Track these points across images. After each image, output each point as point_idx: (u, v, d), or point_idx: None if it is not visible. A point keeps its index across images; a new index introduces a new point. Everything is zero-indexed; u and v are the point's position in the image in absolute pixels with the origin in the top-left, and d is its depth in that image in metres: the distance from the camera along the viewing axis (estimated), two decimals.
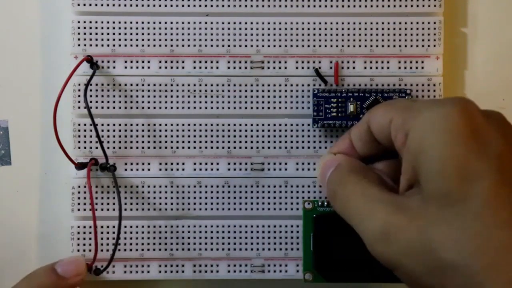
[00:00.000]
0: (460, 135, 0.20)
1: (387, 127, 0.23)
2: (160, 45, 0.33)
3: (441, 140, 0.20)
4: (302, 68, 0.33)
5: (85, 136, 0.32)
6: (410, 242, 0.20)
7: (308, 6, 0.33)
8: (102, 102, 0.32)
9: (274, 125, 0.33)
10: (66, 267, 0.30)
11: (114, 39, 0.32)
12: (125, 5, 0.32)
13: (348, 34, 0.33)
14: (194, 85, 0.33)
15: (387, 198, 0.22)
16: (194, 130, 0.33)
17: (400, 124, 0.22)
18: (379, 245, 0.21)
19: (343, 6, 0.33)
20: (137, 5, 0.32)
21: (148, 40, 0.32)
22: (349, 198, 0.23)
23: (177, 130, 0.33)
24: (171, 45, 0.33)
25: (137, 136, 0.33)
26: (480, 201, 0.19)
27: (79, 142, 0.32)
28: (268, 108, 0.33)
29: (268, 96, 0.33)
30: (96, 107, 0.32)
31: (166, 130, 0.33)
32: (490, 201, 0.19)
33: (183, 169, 0.33)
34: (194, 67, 0.33)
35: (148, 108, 0.33)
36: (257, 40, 0.33)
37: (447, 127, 0.20)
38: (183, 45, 0.33)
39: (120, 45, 0.32)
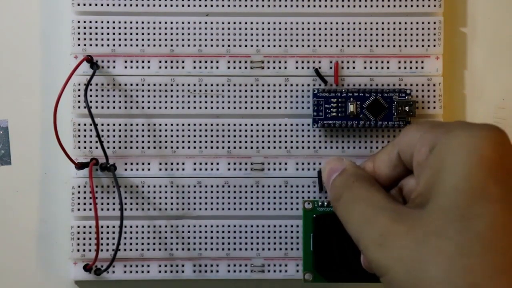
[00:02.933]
0: (486, 159, 0.20)
1: (415, 144, 0.23)
2: (160, 45, 0.33)
3: (465, 158, 0.20)
4: (302, 68, 0.33)
5: (85, 136, 0.32)
6: (405, 249, 0.20)
7: (308, 6, 0.33)
8: (102, 102, 0.32)
9: (274, 125, 0.33)
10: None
11: (114, 39, 0.32)
12: (125, 5, 0.32)
13: (348, 34, 0.33)
14: (194, 85, 0.33)
15: (390, 206, 0.22)
16: (194, 130, 0.33)
17: (429, 139, 0.22)
18: (374, 249, 0.21)
19: (343, 6, 0.33)
20: (137, 5, 0.32)
21: (148, 40, 0.32)
22: (354, 203, 0.24)
23: (177, 130, 0.33)
24: (171, 45, 0.33)
25: (137, 136, 0.33)
26: (484, 223, 0.19)
27: (79, 142, 0.32)
28: (268, 108, 0.33)
29: (268, 96, 0.33)
30: (96, 107, 0.32)
31: (166, 130, 0.33)
32: (494, 226, 0.19)
33: (183, 169, 0.33)
34: (194, 67, 0.33)
35: (148, 108, 0.33)
36: (257, 40, 0.33)
37: (474, 149, 0.20)
38: (183, 45, 0.33)
39: (120, 45, 0.32)
